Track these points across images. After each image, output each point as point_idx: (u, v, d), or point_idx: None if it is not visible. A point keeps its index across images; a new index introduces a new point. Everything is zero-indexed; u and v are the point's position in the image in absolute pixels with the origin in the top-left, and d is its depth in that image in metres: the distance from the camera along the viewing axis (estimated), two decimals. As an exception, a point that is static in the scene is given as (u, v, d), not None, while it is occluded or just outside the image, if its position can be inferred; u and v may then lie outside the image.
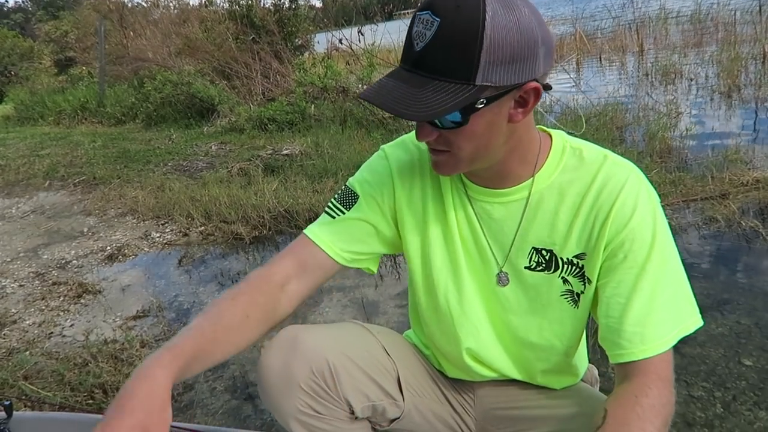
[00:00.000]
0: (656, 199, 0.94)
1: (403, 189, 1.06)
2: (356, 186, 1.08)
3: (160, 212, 4.38)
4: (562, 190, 0.95)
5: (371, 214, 1.06)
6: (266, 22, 9.43)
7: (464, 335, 1.07)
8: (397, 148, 1.09)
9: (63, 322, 2.88)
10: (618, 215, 0.91)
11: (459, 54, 0.76)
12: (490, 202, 0.99)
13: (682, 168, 3.57)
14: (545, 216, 0.97)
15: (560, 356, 1.07)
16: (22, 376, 2.30)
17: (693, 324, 0.92)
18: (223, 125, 7.68)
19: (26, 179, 6.30)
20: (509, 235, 1.00)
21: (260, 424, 1.92)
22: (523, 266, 1.00)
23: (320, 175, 4.55)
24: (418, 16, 0.79)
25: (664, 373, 0.88)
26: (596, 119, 4.92)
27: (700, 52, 7.55)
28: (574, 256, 0.96)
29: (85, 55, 15.34)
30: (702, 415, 1.65)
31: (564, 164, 0.96)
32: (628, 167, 0.95)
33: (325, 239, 1.05)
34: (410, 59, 0.80)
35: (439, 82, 0.78)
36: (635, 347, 0.88)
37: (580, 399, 1.11)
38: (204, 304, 2.88)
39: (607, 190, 0.92)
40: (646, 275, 0.89)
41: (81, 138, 8.48)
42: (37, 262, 3.83)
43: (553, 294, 1.00)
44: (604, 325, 0.93)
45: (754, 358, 1.85)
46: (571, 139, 1.00)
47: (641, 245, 0.90)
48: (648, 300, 0.89)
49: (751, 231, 2.68)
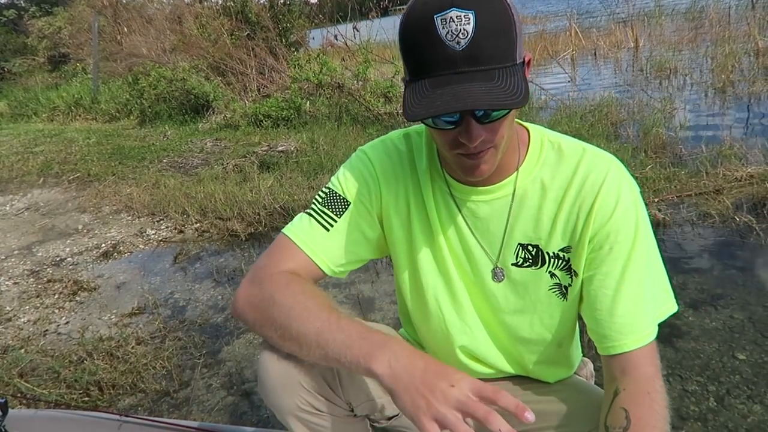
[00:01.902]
0: (637, 189, 0.95)
1: (389, 193, 1.04)
2: (344, 190, 1.05)
3: (155, 209, 4.37)
4: (545, 185, 0.96)
5: (362, 221, 1.05)
6: (261, 18, 9.39)
7: (457, 334, 1.07)
8: (378, 151, 1.06)
9: (58, 320, 2.87)
10: (602, 208, 0.91)
11: (504, 37, 0.77)
12: (474, 201, 0.99)
13: (676, 163, 3.58)
14: (530, 212, 0.97)
15: (553, 348, 1.08)
16: (17, 374, 2.30)
17: (668, 311, 0.94)
18: (218, 122, 7.66)
19: (20, 176, 6.27)
20: (496, 233, 0.99)
21: (256, 421, 1.92)
22: (510, 263, 1.00)
23: (316, 172, 4.54)
24: (439, 17, 0.75)
25: (657, 362, 0.90)
26: (591, 115, 4.93)
27: (694, 48, 7.57)
28: (559, 250, 0.97)
29: (79, 51, 15.25)
30: (696, 409, 1.66)
31: (544, 158, 0.96)
32: (608, 159, 0.95)
33: (321, 256, 1.03)
34: (455, 60, 0.76)
35: (500, 69, 0.77)
36: (626, 338, 0.89)
37: (577, 392, 1.12)
38: (199, 300, 2.88)
39: (589, 182, 0.92)
40: (631, 266, 0.90)
41: (75, 135, 8.44)
42: (32, 259, 3.81)
43: (541, 289, 1.00)
44: (591, 317, 0.94)
45: (748, 352, 1.87)
46: (548, 132, 1.00)
47: (626, 236, 0.91)
48: (635, 291, 0.90)
49: (745, 226, 2.70)
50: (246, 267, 3.12)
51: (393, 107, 6.43)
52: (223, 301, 2.83)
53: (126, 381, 2.20)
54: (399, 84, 6.72)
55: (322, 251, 1.03)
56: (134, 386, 2.19)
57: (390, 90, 6.57)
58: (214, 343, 2.45)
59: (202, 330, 2.58)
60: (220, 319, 2.66)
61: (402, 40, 0.82)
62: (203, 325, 2.63)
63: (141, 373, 2.25)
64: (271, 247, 1.05)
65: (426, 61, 0.78)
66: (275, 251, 1.04)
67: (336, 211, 1.04)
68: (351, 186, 1.04)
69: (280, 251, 1.04)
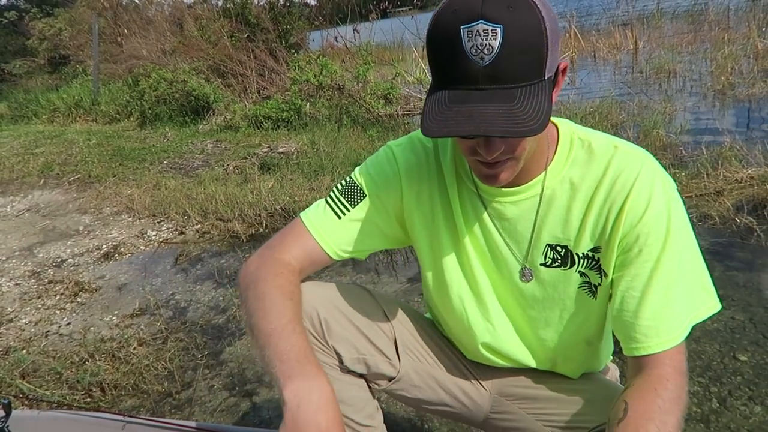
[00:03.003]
0: (671, 186, 0.92)
1: (411, 192, 1.05)
2: (363, 183, 1.06)
3: (155, 210, 4.38)
4: (574, 185, 0.94)
5: (376, 214, 1.06)
6: (261, 20, 9.41)
7: (479, 332, 1.08)
8: (405, 148, 1.06)
9: (60, 321, 2.87)
10: (632, 209, 0.89)
11: (532, 55, 0.74)
12: (501, 202, 0.98)
13: (677, 165, 3.59)
14: (558, 212, 0.96)
15: (582, 346, 1.07)
16: (19, 375, 2.30)
17: (707, 311, 0.92)
18: (218, 123, 7.66)
19: (21, 177, 6.27)
20: (524, 234, 0.99)
21: (258, 422, 1.93)
22: (539, 263, 0.99)
23: (316, 173, 4.55)
24: (466, 29, 0.73)
25: (680, 364, 0.88)
26: (591, 117, 4.93)
27: (694, 49, 7.58)
28: (589, 251, 0.96)
29: (79, 53, 15.26)
30: (698, 410, 1.67)
31: (574, 157, 0.95)
32: (641, 157, 0.92)
33: (328, 241, 1.05)
34: (477, 76, 0.74)
35: (523, 88, 0.74)
36: (650, 341, 0.89)
37: (598, 386, 1.12)
38: (201, 302, 2.88)
39: (620, 183, 0.90)
40: (661, 268, 0.89)
41: (75, 136, 8.44)
42: (33, 260, 3.82)
43: (570, 288, 0.99)
44: (618, 318, 0.93)
45: (749, 353, 1.87)
46: (578, 128, 0.99)
47: (656, 238, 0.89)
48: (663, 293, 0.89)
49: (746, 227, 2.70)
50: (247, 268, 3.11)
51: (393, 109, 6.44)
52: (224, 303, 2.84)
53: (128, 382, 2.20)
54: (399, 86, 6.73)
55: (330, 236, 1.06)
56: (136, 387, 2.19)
57: (390, 92, 6.58)
58: (216, 344, 2.46)
59: (204, 331, 2.58)
60: (221, 320, 2.67)
61: (428, 46, 0.80)
62: (205, 326, 2.63)
63: (143, 374, 2.25)
64: (285, 228, 1.10)
65: (448, 72, 0.77)
66: (287, 232, 1.09)
67: (351, 200, 1.06)
68: (370, 179, 1.06)
69: (290, 233, 1.08)
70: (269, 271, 1.01)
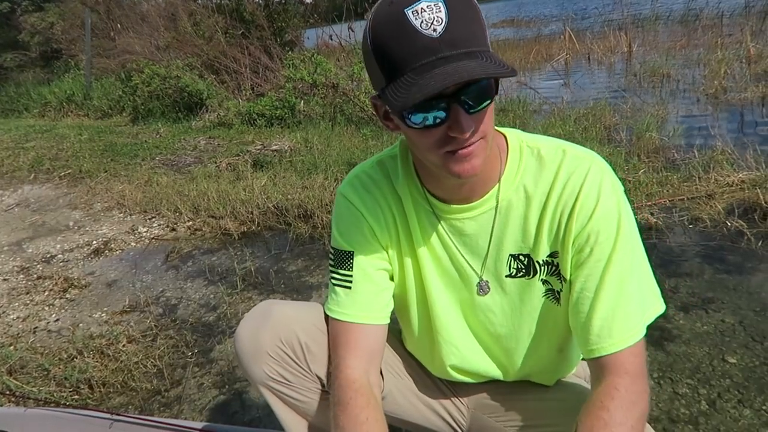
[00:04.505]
0: (619, 187, 0.93)
1: (378, 225, 1.04)
2: (343, 244, 1.05)
3: (147, 206, 4.35)
4: (528, 193, 0.95)
5: (372, 260, 1.04)
6: (256, 17, 9.37)
7: (444, 356, 1.08)
8: (356, 188, 1.05)
9: (48, 317, 2.85)
10: (582, 208, 0.90)
11: (477, 24, 0.78)
12: (460, 219, 0.98)
13: (669, 168, 3.60)
14: (516, 221, 0.96)
15: (554, 354, 1.08)
16: (6, 371, 2.28)
17: (655, 312, 0.93)
18: (211, 120, 7.63)
19: (11, 172, 6.22)
20: (485, 247, 0.99)
21: (248, 420, 1.92)
22: (504, 275, 1.00)
23: (309, 171, 4.53)
24: (410, 10, 0.75)
25: (633, 366, 0.88)
26: (585, 119, 4.95)
27: (687, 53, 7.62)
28: (548, 256, 0.96)
29: (71, 47, 15.15)
30: (686, 412, 1.67)
31: (525, 165, 0.95)
32: (588, 158, 0.93)
33: (366, 315, 1.02)
34: (435, 45, 0.75)
35: (480, 51, 0.77)
36: (603, 341, 0.89)
37: (574, 392, 1.13)
38: (191, 299, 2.86)
39: (570, 185, 0.91)
40: (612, 268, 0.89)
41: (67, 131, 8.38)
42: (22, 256, 3.78)
43: (535, 297, 1.00)
44: (574, 320, 0.94)
45: (738, 356, 1.88)
46: (526, 136, 0.99)
47: (607, 236, 0.90)
48: (615, 293, 0.89)
49: (736, 231, 2.72)
50: (239, 266, 3.10)
51: (387, 108, 6.43)
52: (214, 300, 2.82)
53: (117, 379, 2.19)
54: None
55: (362, 311, 1.02)
56: (125, 385, 2.17)
57: (384, 91, 6.56)
58: (206, 342, 2.44)
59: (194, 329, 2.57)
60: (212, 317, 2.65)
61: (373, 45, 0.79)
62: (195, 323, 2.61)
63: (132, 372, 2.23)
64: (330, 336, 1.06)
65: (405, 54, 0.76)
66: (335, 342, 1.04)
67: (346, 266, 1.04)
68: (346, 237, 1.05)
69: (336, 337, 1.03)
70: (338, 408, 0.97)
